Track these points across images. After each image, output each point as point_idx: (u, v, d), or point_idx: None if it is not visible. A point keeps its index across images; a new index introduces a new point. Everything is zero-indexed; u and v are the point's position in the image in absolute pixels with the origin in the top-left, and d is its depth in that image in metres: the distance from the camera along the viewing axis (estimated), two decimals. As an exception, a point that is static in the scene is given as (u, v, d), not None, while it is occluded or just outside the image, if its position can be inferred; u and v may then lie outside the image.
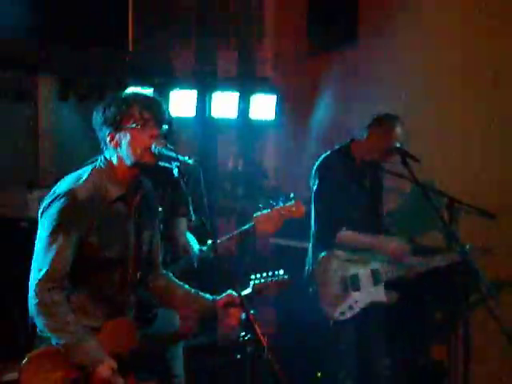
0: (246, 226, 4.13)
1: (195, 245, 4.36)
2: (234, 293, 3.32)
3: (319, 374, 5.31)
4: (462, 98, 5.79)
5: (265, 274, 3.55)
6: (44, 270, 3.10)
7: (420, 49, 5.90)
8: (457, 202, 5.18)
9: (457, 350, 5.35)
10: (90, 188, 3.18)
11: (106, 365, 3.10)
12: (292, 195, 4.14)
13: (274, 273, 3.58)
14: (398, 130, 4.93)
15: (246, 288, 3.50)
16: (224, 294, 3.36)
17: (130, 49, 5.94)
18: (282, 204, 4.10)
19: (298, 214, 4.11)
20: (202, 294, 3.43)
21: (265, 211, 4.10)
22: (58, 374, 3.11)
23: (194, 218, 4.22)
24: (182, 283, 3.50)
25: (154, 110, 3.24)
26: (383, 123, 4.96)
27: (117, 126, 3.21)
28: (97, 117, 3.26)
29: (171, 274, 3.53)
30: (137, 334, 3.24)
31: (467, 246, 4.78)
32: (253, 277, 3.53)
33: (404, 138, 4.95)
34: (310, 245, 4.96)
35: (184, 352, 4.13)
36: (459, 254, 4.69)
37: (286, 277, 3.56)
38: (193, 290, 3.45)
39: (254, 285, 3.49)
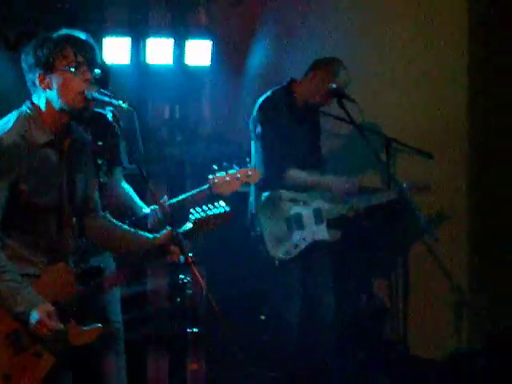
0: (201, 188, 4.09)
1: (136, 198, 4.28)
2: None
3: (262, 317, 5.35)
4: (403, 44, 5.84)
5: (205, 207, 3.40)
6: None
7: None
8: (394, 142, 5.24)
9: (397, 285, 5.46)
10: (15, 134, 3.09)
11: (41, 309, 3.05)
12: (248, 160, 4.11)
13: (214, 205, 3.43)
14: (342, 73, 4.95)
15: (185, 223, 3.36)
16: (163, 232, 3.31)
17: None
18: (238, 168, 4.06)
19: (254, 180, 4.09)
20: (141, 232, 3.38)
21: (220, 174, 4.05)
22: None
23: (127, 165, 4.20)
24: (120, 223, 3.44)
25: (89, 54, 3.16)
26: (326, 66, 4.96)
27: (49, 67, 3.11)
28: (27, 57, 3.16)
29: (109, 216, 3.46)
30: (75, 280, 3.20)
31: (404, 185, 4.87)
32: (193, 211, 3.40)
33: (347, 82, 4.96)
34: (252, 187, 4.96)
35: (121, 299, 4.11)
36: (397, 191, 4.76)
37: (227, 209, 3.41)
38: (132, 229, 3.40)
39: (194, 219, 3.35)
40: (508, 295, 5.64)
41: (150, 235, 3.36)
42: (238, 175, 4.04)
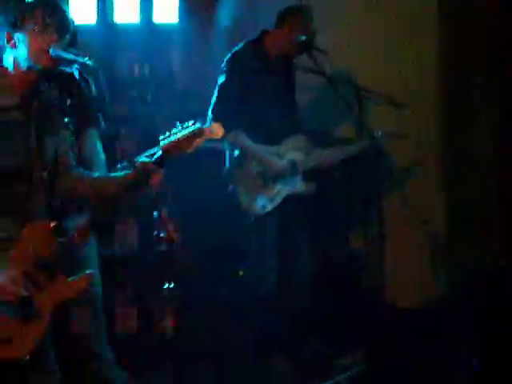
0: (154, 154, 3.97)
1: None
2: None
3: (241, 273, 5.36)
4: None
5: (174, 130, 3.26)
6: None
7: None
8: (366, 91, 5.22)
9: (372, 235, 5.48)
10: None
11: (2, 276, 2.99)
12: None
13: (182, 126, 3.27)
14: (307, 19, 4.90)
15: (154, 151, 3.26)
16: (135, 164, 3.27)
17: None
18: (193, 128, 3.93)
19: (218, 134, 3.96)
20: (112, 174, 3.36)
21: (173, 138, 3.92)
22: None
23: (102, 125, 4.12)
24: (91, 173, 3.41)
25: (58, 17, 3.18)
26: (294, 15, 4.92)
27: (16, 26, 3.13)
28: None
29: (82, 169, 3.42)
30: (54, 235, 3.18)
31: (377, 133, 4.86)
32: (161, 137, 3.26)
33: (315, 31, 4.91)
34: (225, 143, 4.93)
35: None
36: (369, 139, 4.76)
37: (197, 126, 3.26)
38: (103, 174, 3.39)
39: (162, 146, 3.23)
40: (482, 239, 5.70)
41: (121, 173, 3.33)
42: (200, 131, 3.91)
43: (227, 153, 4.95)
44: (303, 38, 4.83)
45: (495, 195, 5.95)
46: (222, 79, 4.85)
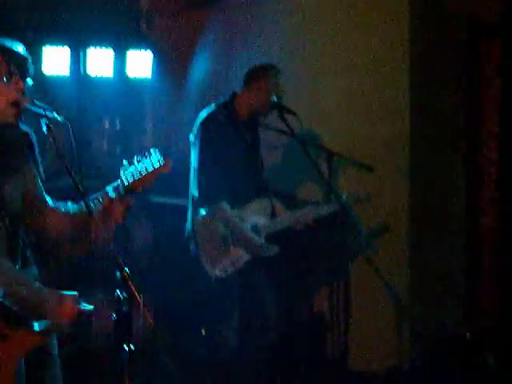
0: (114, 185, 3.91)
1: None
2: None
3: (203, 331, 5.30)
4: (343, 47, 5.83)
5: (136, 166, 3.12)
6: None
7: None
8: (336, 156, 5.24)
9: (338, 299, 5.45)
10: None
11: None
12: (153, 150, 3.91)
13: (146, 157, 3.11)
14: (276, 79, 4.93)
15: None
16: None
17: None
18: (150, 164, 3.87)
19: (167, 169, 3.91)
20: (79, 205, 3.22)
21: (131, 171, 3.85)
22: None
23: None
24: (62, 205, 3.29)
25: (22, 64, 3.10)
26: (260, 74, 4.94)
27: None
28: None
29: (57, 204, 3.31)
30: None
31: (344, 196, 4.87)
32: (123, 172, 3.13)
33: (281, 88, 4.94)
34: (190, 204, 4.91)
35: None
36: (338, 203, 4.76)
37: (160, 161, 3.12)
38: (72, 206, 3.25)
39: (125, 186, 3.12)
40: (445, 307, 5.70)
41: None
42: (151, 168, 3.85)
43: (189, 215, 4.90)
44: (274, 99, 4.85)
45: (462, 258, 5.98)
46: (199, 150, 4.82)
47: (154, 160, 3.15)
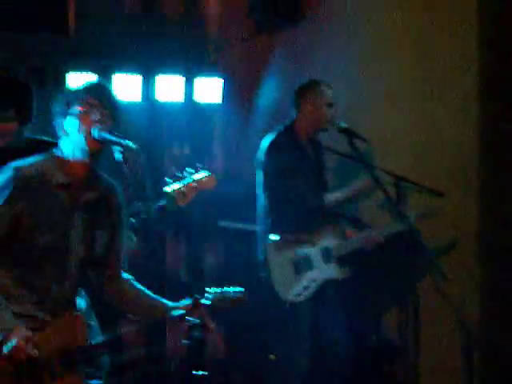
0: (161, 203, 3.95)
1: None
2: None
3: (272, 357, 5.30)
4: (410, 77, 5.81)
5: (219, 290, 3.31)
6: None
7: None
8: (404, 181, 5.20)
9: (407, 325, 5.39)
10: (34, 169, 3.14)
11: (17, 333, 2.97)
12: (199, 165, 3.99)
13: (229, 289, 3.35)
14: (326, 91, 4.96)
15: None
16: (184, 302, 3.26)
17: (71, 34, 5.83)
18: (192, 177, 3.95)
19: (211, 185, 3.98)
20: (161, 299, 3.32)
21: (177, 186, 3.95)
22: None
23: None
24: (142, 288, 3.37)
25: (99, 94, 3.24)
26: (311, 91, 4.97)
27: (63, 113, 3.20)
28: (51, 106, 3.26)
29: (132, 279, 3.41)
30: (86, 331, 3.14)
31: (411, 216, 4.81)
32: (209, 290, 3.30)
33: (330, 99, 4.95)
34: (259, 231, 4.96)
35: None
36: (406, 224, 4.70)
37: (242, 293, 3.35)
38: (152, 295, 3.34)
39: (212, 298, 3.27)
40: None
41: (170, 303, 3.30)
42: (195, 185, 3.95)
43: (259, 241, 4.94)
44: (343, 125, 4.86)
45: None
46: (266, 176, 4.89)
47: (198, 175, 3.22)
